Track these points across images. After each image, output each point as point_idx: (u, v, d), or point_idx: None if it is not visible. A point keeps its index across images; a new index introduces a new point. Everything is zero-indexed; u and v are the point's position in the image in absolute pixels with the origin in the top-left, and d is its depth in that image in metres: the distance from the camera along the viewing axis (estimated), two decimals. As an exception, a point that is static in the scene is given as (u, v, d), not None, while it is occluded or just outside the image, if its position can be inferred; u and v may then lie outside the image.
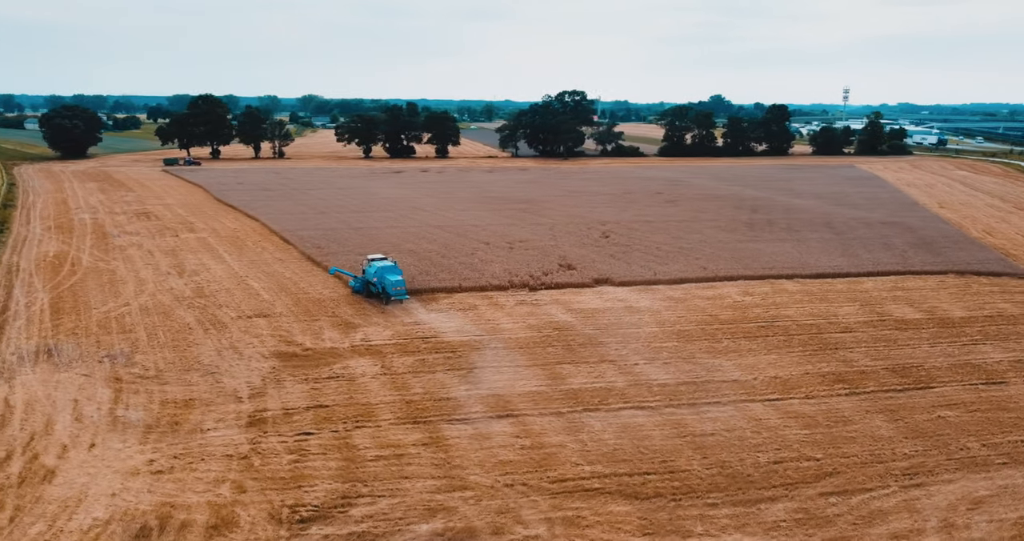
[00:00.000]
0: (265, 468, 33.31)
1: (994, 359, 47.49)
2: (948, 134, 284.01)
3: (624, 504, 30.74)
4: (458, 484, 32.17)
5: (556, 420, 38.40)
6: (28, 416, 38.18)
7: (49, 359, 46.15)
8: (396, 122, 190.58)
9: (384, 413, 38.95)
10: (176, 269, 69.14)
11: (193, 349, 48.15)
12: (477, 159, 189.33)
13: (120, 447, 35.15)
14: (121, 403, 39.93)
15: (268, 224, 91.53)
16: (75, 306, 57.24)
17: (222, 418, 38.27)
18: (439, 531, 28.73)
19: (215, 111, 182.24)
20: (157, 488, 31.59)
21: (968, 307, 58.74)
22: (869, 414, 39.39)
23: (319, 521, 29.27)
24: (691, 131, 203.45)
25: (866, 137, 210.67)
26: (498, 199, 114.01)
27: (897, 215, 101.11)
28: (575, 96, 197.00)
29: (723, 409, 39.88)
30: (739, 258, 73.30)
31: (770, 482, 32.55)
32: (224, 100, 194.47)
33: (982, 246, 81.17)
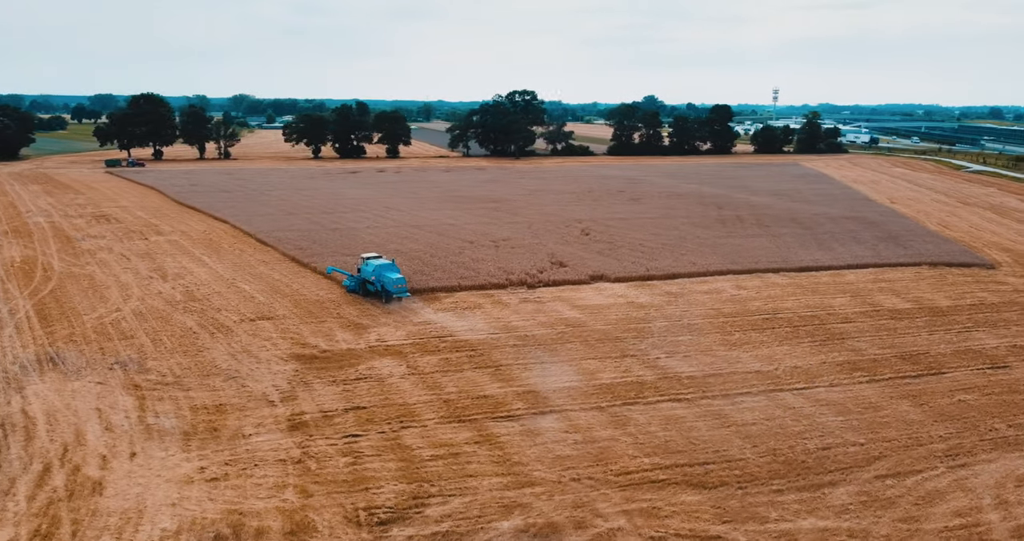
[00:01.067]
0: (323, 472, 32.61)
1: (991, 345, 49.84)
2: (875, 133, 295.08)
3: (693, 494, 31.22)
4: (524, 480, 32.12)
5: (599, 415, 38.68)
6: (53, 427, 36.47)
7: (55, 368, 44.12)
8: (346, 122, 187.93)
9: (426, 413, 38.55)
10: (157, 273, 66.86)
11: (205, 354, 46.70)
12: (429, 159, 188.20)
13: (163, 455, 33.90)
14: (149, 411, 38.49)
15: (239, 226, 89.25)
16: (63, 313, 54.82)
17: (260, 423, 37.27)
18: (521, 527, 28.66)
19: (157, 111, 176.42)
20: (217, 496, 30.62)
21: (950, 296, 61.45)
22: (894, 400, 40.90)
23: (398, 522, 28.84)
24: (639, 130, 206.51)
25: (804, 136, 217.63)
26: (466, 198, 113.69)
27: (855, 210, 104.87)
28: (525, 96, 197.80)
29: (756, 399, 40.82)
30: (723, 253, 74.96)
31: (825, 467, 33.51)
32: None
33: (944, 239, 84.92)
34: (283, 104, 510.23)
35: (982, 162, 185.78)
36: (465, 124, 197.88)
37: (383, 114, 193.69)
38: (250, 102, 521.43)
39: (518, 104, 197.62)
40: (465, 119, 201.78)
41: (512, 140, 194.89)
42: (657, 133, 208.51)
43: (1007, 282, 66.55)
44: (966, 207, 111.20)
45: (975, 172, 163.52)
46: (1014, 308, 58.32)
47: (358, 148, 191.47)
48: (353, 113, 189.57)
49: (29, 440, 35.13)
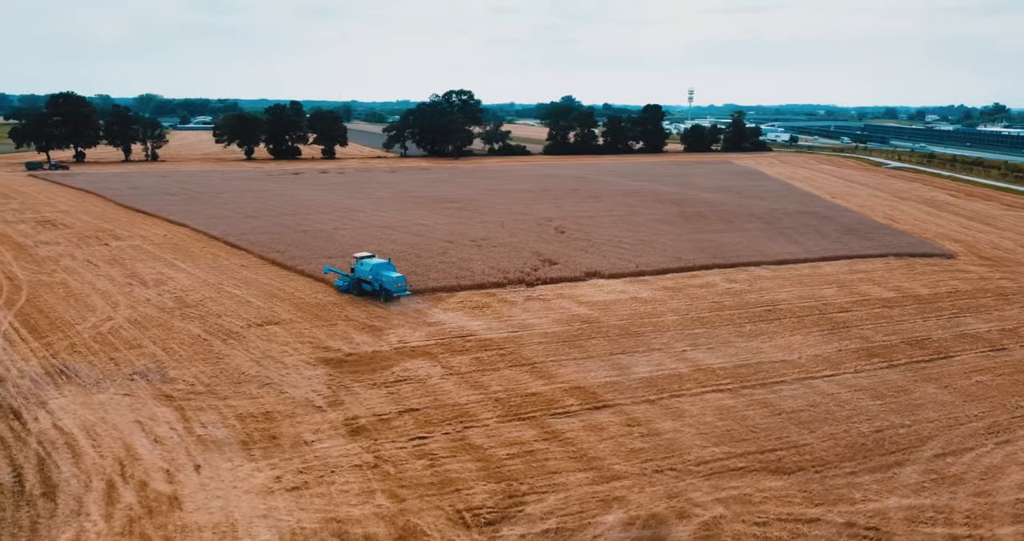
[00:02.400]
0: (405, 475, 31.97)
1: (983, 330, 52.90)
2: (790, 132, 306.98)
3: (776, 480, 32.09)
4: (609, 474, 32.33)
5: (651, 408, 39.22)
6: (97, 442, 34.49)
7: (70, 381, 41.67)
8: (280, 122, 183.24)
9: (482, 413, 38.24)
10: (134, 279, 63.85)
11: (226, 361, 44.98)
12: (367, 160, 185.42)
13: (230, 466, 32.56)
14: (193, 421, 36.85)
15: (201, 229, 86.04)
16: (52, 323, 51.76)
17: (317, 429, 36.21)
18: (626, 521, 28.86)
19: (79, 110, 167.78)
20: (307, 505, 29.64)
21: (926, 285, 64.85)
22: (918, 383, 42.98)
23: (505, 522, 28.60)
24: (574, 130, 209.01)
25: (731, 135, 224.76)
26: (425, 199, 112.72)
27: (805, 206, 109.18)
28: (462, 96, 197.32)
29: (793, 387, 42.18)
30: (702, 248, 76.88)
31: (885, 449, 34.97)
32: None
33: (898, 231, 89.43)
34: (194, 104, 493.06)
35: (897, 159, 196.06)
36: (402, 124, 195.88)
37: (318, 114, 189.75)
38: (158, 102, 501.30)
39: (455, 104, 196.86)
40: (401, 119, 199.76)
41: (450, 140, 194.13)
42: (591, 132, 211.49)
43: (970, 270, 70.68)
44: (903, 201, 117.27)
45: (895, 168, 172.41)
46: (987, 295, 62.01)
47: (293, 149, 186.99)
48: (287, 113, 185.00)
49: (77, 457, 33.13)
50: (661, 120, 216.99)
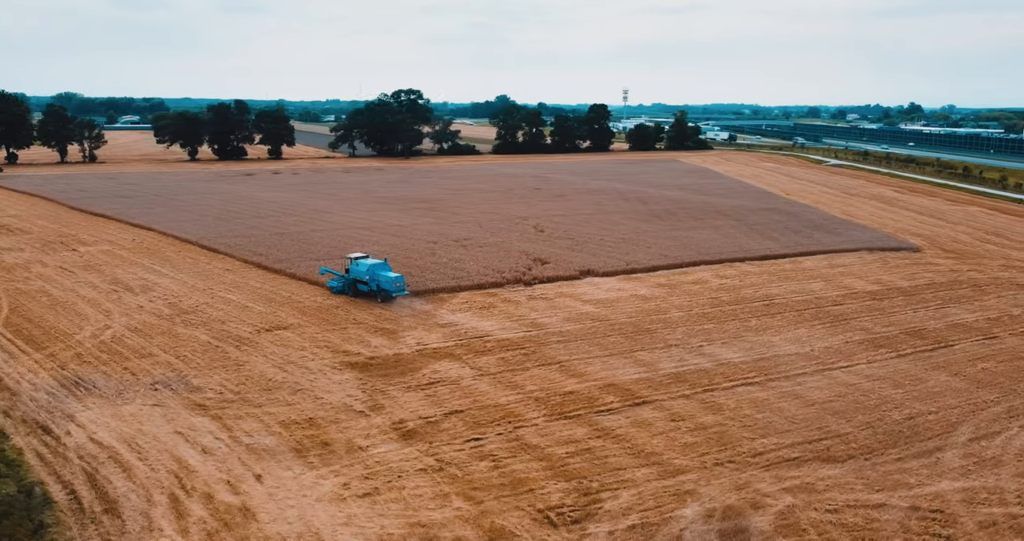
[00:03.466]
0: (473, 477, 31.88)
1: (970, 319, 55.60)
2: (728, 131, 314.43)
3: (831, 468, 33.20)
4: (671, 469, 32.89)
5: (688, 402, 40.00)
6: (143, 455, 33.29)
7: (89, 392, 40.05)
8: (224, 122, 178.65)
9: (527, 412, 38.36)
10: (118, 285, 61.60)
11: (247, 368, 43.90)
12: (316, 160, 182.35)
13: (292, 475, 31.88)
14: (236, 430, 35.90)
15: (171, 233, 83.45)
16: (46, 333, 49.57)
17: (367, 434, 35.74)
18: (704, 513, 29.44)
19: (11, 110, 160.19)
20: (386, 511, 29.29)
21: (904, 278, 67.71)
22: (930, 371, 44.97)
23: (590, 519, 28.84)
24: (522, 129, 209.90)
25: (674, 134, 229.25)
26: (391, 199, 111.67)
27: (765, 203, 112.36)
28: (411, 95, 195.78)
29: (815, 379, 43.58)
30: (685, 245, 78.44)
31: (920, 435, 36.52)
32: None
33: (861, 227, 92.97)
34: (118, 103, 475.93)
35: (834, 156, 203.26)
36: (350, 124, 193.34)
37: (265, 113, 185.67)
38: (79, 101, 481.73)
39: (403, 103, 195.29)
40: (349, 119, 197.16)
41: (399, 139, 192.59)
42: (540, 132, 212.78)
43: (939, 263, 74.09)
44: (854, 198, 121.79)
45: (835, 165, 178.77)
46: (963, 286, 65.13)
47: (238, 149, 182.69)
48: (232, 112, 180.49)
49: (127, 470, 31.93)
50: (607, 119, 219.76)
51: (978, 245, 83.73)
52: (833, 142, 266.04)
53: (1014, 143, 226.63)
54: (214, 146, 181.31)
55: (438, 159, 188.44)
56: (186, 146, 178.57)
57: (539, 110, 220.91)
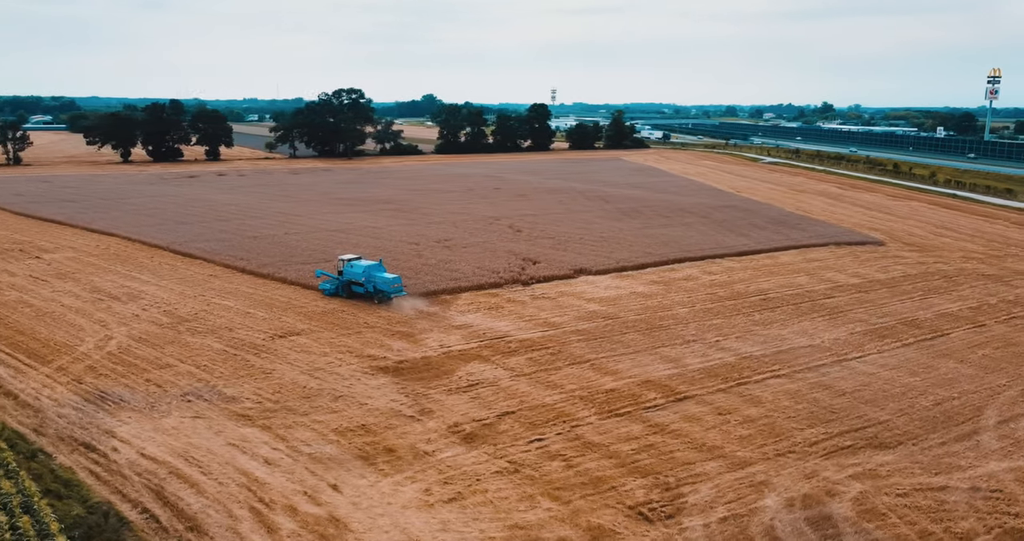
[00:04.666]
0: (550, 477, 31.96)
1: (954, 309, 58.59)
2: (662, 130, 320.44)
3: (886, 454, 34.63)
4: (737, 461, 33.71)
5: (728, 396, 40.99)
6: (204, 468, 32.13)
7: (120, 406, 38.34)
8: (159, 122, 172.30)
9: (577, 411, 38.61)
10: (101, 294, 59.00)
11: (276, 375, 42.77)
12: (257, 161, 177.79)
13: (367, 483, 31.31)
14: (291, 439, 35.00)
15: (137, 238, 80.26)
16: (44, 345, 47.15)
17: (428, 439, 35.36)
18: (785, 503, 30.32)
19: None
20: (477, 515, 29.11)
21: (880, 271, 70.79)
22: (938, 359, 47.26)
23: (683, 513, 29.34)
24: (463, 129, 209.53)
25: (613, 133, 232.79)
26: (354, 201, 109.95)
27: (722, 200, 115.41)
28: (352, 94, 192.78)
29: (835, 370, 45.24)
30: (664, 243, 79.98)
31: (953, 420, 38.42)
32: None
33: (820, 222, 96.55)
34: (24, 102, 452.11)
35: (767, 154, 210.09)
36: (290, 124, 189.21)
37: (202, 113, 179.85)
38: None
39: (344, 103, 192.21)
40: (290, 118, 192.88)
41: (341, 139, 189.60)
42: (481, 131, 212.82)
43: (905, 256, 77.73)
44: (802, 194, 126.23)
45: (770, 163, 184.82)
46: (935, 278, 68.56)
47: (174, 150, 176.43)
48: (167, 112, 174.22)
49: (194, 485, 30.76)
50: (548, 119, 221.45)
51: (933, 238, 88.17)
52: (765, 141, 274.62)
53: (930, 141, 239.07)
54: (148, 147, 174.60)
55: (383, 159, 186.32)
56: (118, 147, 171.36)
57: (481, 110, 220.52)
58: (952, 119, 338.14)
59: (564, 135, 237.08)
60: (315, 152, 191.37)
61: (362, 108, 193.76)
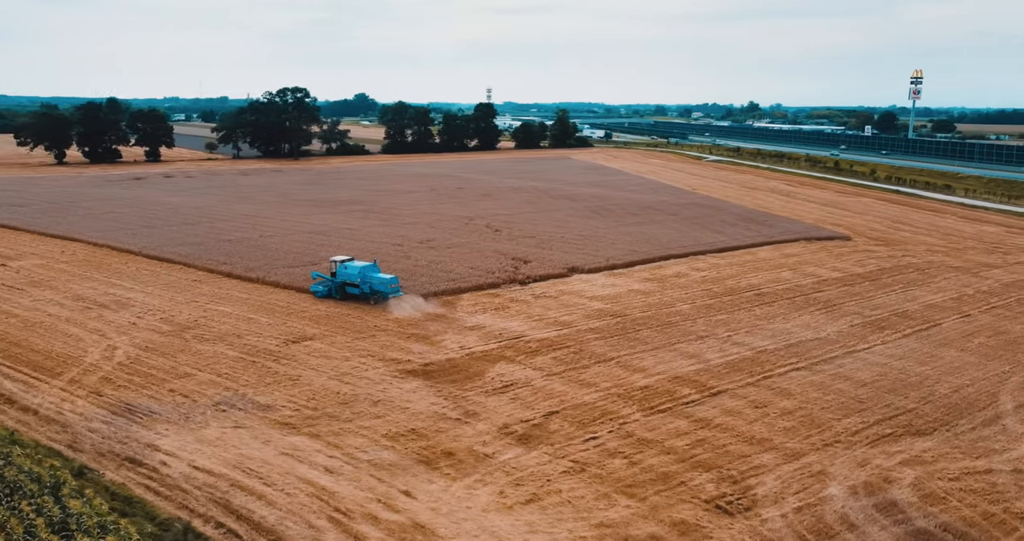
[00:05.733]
0: (617, 475, 32.20)
1: (937, 300, 61.26)
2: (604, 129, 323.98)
3: (924, 441, 36.06)
4: (790, 452, 34.57)
5: (758, 390, 41.97)
6: (265, 480, 31.21)
7: (153, 418, 36.89)
8: (96, 122, 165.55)
9: (620, 409, 38.95)
10: (88, 303, 56.56)
11: (304, 382, 41.81)
12: (200, 162, 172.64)
13: (438, 487, 30.97)
14: (345, 446, 34.30)
15: (106, 244, 77.17)
16: (48, 358, 44.98)
17: (483, 441, 35.15)
18: (849, 491, 31.26)
19: None
20: (560, 515, 29.13)
21: (856, 265, 73.44)
22: (938, 349, 49.39)
23: (758, 506, 29.97)
24: (411, 129, 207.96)
25: (558, 132, 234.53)
26: (319, 202, 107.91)
27: (682, 198, 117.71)
28: (296, 93, 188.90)
29: (848, 361, 46.80)
30: (645, 240, 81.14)
31: (974, 406, 40.24)
32: None
33: (785, 218, 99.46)
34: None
35: (709, 152, 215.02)
36: (234, 123, 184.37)
37: (141, 113, 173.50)
38: None
39: (289, 102, 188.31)
40: (234, 118, 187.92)
41: (287, 139, 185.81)
42: (428, 131, 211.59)
43: (875, 250, 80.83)
44: (755, 191, 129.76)
45: (715, 161, 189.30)
46: (909, 271, 71.54)
47: (112, 151, 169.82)
48: (103, 112, 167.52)
49: (263, 498, 29.86)
50: (493, 118, 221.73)
51: (893, 233, 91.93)
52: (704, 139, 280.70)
53: (860, 139, 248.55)
54: (84, 149, 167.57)
55: (331, 159, 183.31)
56: (51, 149, 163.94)
57: (427, 110, 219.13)
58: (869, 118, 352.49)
59: (510, 134, 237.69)
60: (260, 152, 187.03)
61: (307, 108, 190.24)
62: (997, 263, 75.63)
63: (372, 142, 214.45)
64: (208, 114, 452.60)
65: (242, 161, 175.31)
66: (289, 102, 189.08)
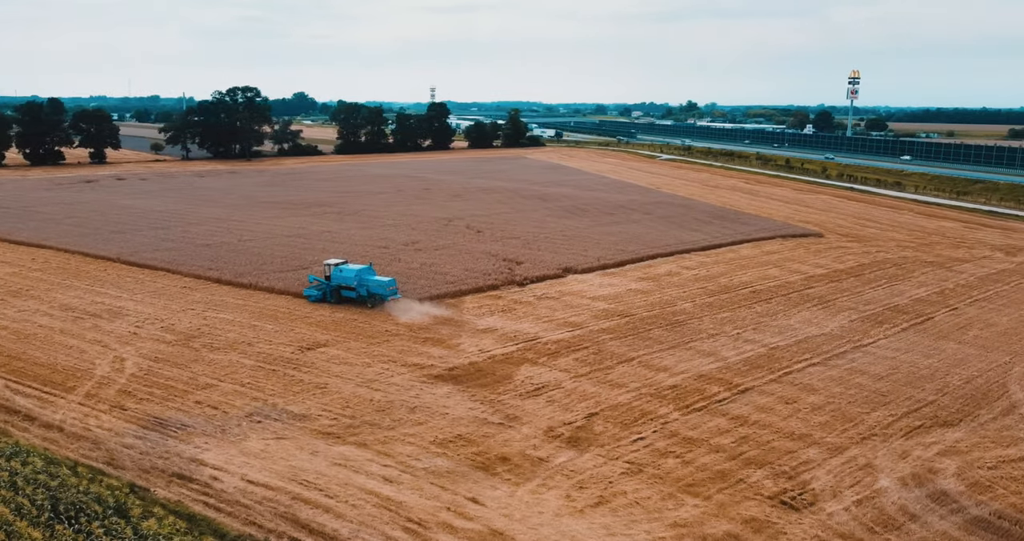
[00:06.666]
0: (676, 475, 32.53)
1: (921, 294, 63.54)
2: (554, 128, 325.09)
3: (954, 431, 37.40)
4: (832, 446, 35.45)
5: (782, 386, 42.90)
6: (326, 490, 30.54)
7: (188, 431, 35.72)
8: (37, 123, 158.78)
9: (657, 408, 39.35)
10: (80, 312, 54.41)
11: (332, 390, 41.02)
12: (148, 164, 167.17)
13: (504, 493, 30.79)
14: (395, 455, 33.81)
15: (80, 251, 74.13)
16: (55, 372, 43.12)
17: (533, 445, 35.07)
18: (900, 483, 32.23)
19: None
20: (632, 517, 29.30)
21: (836, 261, 75.59)
22: (938, 341, 51.25)
23: (820, 501, 30.65)
24: (364, 128, 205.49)
25: (510, 131, 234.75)
26: (288, 204, 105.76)
27: (650, 197, 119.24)
28: (247, 93, 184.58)
29: (860, 355, 48.21)
30: (628, 240, 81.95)
31: (988, 396, 41.93)
32: None
33: (753, 215, 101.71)
34: None
35: (660, 151, 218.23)
36: (182, 124, 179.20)
37: (84, 113, 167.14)
38: None
39: (239, 102, 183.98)
40: (182, 118, 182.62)
41: (239, 140, 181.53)
42: (381, 131, 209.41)
43: (849, 247, 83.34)
44: (717, 189, 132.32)
45: (669, 160, 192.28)
46: (886, 266, 73.99)
47: (55, 153, 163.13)
48: (45, 112, 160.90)
49: (329, 510, 29.22)
50: (446, 117, 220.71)
51: (861, 229, 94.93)
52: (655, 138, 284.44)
53: (803, 137, 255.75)
54: (25, 150, 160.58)
55: (285, 160, 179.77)
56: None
57: (380, 109, 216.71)
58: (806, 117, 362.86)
59: (462, 134, 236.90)
60: (210, 153, 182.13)
61: (258, 107, 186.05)
62: (965, 258, 78.87)
63: (324, 142, 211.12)
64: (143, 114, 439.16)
65: (193, 162, 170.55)
66: (239, 102, 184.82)
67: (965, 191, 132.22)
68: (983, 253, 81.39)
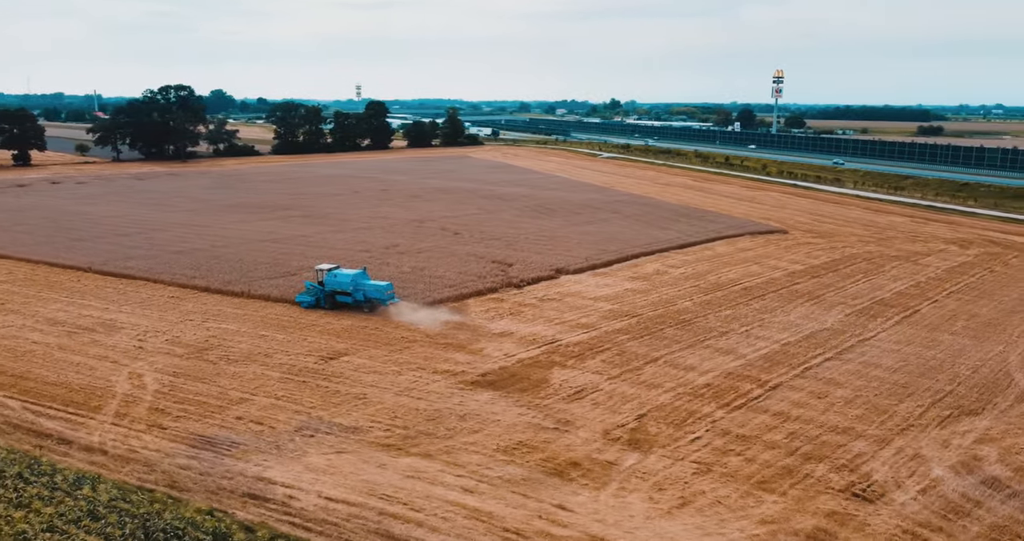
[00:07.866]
0: (743, 472, 33.32)
1: (901, 288, 66.50)
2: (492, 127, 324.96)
3: (980, 420, 39.43)
4: (875, 438, 36.88)
5: (807, 381, 44.32)
6: (409, 504, 30.10)
7: (241, 450, 34.53)
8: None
9: (699, 407, 40.14)
10: (71, 327, 51.87)
11: (372, 400, 40.34)
12: (77, 165, 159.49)
13: (585, 499, 30.95)
14: (467, 464, 33.52)
15: (44, 260, 70.54)
16: (70, 391, 41.04)
17: (596, 449, 35.31)
18: (952, 471, 33.84)
19: None
20: (718, 516, 29.89)
21: (810, 257, 78.32)
22: (933, 333, 53.83)
23: (890, 492, 31.89)
24: (302, 128, 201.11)
25: (448, 130, 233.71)
26: (248, 207, 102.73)
27: (610, 196, 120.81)
28: (180, 92, 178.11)
29: (868, 349, 50.19)
30: (607, 239, 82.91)
31: (997, 384, 44.33)
32: None
33: (714, 213, 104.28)
34: None
35: (599, 149, 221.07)
36: (112, 124, 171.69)
37: (6, 113, 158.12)
38: None
39: (172, 101, 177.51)
40: (112, 118, 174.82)
41: (173, 140, 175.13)
42: (320, 130, 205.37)
43: (816, 243, 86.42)
44: (668, 187, 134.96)
45: (611, 158, 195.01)
46: (857, 261, 77.10)
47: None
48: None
49: (420, 524, 28.80)
50: (385, 116, 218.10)
51: (820, 225, 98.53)
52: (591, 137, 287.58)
53: (731, 135, 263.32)
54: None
55: (223, 161, 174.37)
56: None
57: (318, 108, 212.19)
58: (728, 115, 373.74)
59: (401, 133, 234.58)
60: (141, 154, 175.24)
61: (193, 106, 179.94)
62: (924, 251, 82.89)
63: (259, 142, 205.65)
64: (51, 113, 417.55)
65: (126, 164, 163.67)
66: (172, 101, 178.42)
67: (899, 186, 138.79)
68: (939, 247, 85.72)
